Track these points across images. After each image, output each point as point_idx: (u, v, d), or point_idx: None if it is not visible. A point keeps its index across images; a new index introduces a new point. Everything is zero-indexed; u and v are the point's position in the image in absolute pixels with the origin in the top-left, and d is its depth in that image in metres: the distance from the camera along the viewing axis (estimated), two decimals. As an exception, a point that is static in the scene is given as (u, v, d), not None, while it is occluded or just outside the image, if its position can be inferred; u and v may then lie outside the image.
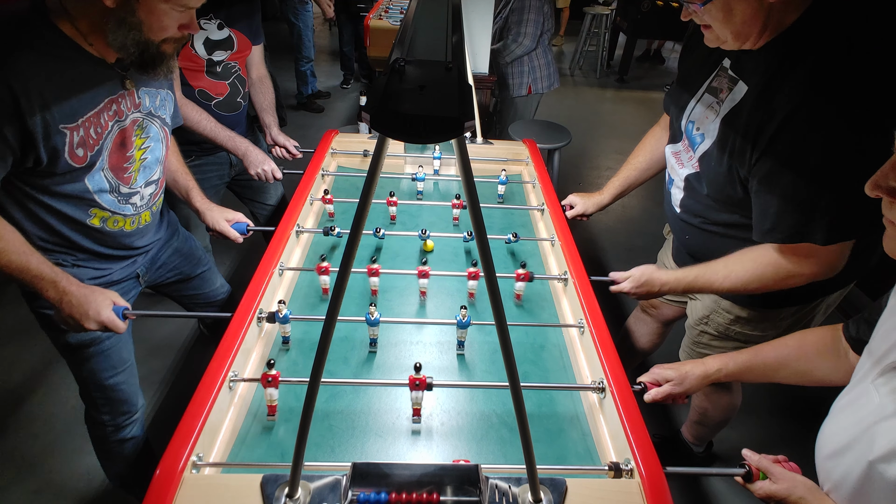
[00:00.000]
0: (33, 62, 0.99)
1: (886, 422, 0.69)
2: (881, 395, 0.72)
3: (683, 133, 1.33)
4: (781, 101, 1.01)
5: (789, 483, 0.84)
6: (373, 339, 1.17)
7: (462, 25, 0.76)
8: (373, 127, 0.43)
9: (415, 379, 0.97)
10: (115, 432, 1.46)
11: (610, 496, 0.84)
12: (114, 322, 1.15)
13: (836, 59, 0.98)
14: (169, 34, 1.07)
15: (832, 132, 0.97)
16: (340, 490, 0.79)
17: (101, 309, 1.14)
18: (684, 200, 1.33)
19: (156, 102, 1.26)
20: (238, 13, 1.76)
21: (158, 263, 1.47)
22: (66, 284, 1.11)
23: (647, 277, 1.29)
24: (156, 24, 1.04)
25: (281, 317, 1.13)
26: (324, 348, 0.60)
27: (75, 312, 1.12)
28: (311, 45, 4.60)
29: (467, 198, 0.52)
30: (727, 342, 1.44)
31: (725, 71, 1.19)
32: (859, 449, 0.72)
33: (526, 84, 3.16)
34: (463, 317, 1.13)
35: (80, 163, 1.10)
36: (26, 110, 0.98)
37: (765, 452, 0.92)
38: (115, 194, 1.22)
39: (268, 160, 1.85)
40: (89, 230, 1.22)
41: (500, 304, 0.58)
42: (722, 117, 1.16)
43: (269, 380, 0.97)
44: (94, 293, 1.14)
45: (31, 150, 1.03)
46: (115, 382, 1.39)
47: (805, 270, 1.10)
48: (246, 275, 1.21)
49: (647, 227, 3.32)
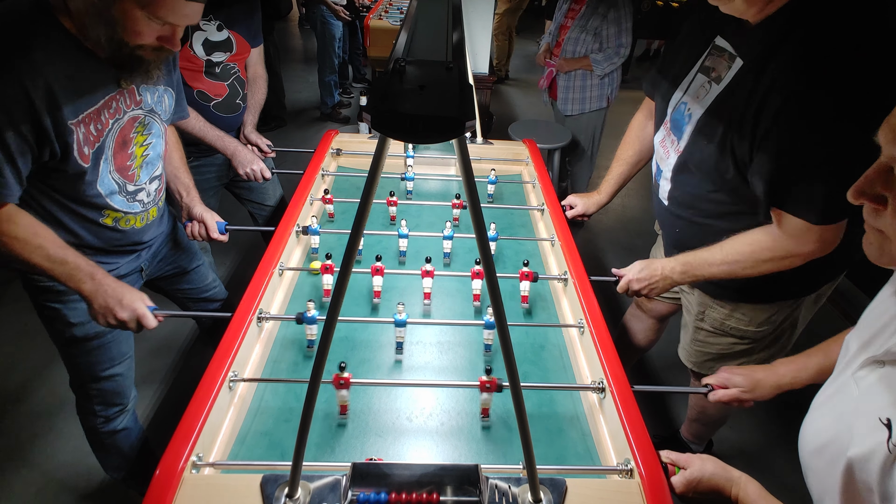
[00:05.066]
0: (43, 60, 1.00)
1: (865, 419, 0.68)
2: (860, 389, 0.71)
3: (668, 117, 1.31)
4: (780, 81, 1.01)
5: (699, 462, 0.88)
6: (399, 342, 1.17)
7: (462, 25, 0.76)
8: (373, 127, 0.43)
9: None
10: (106, 423, 1.47)
11: (610, 496, 0.84)
12: (146, 315, 1.17)
13: (835, 35, 0.97)
14: (144, 41, 1.06)
15: (827, 116, 0.97)
16: (340, 490, 0.79)
17: (135, 300, 1.17)
18: (672, 192, 1.33)
19: (156, 99, 1.27)
20: (237, 15, 1.76)
21: (159, 257, 1.49)
22: (102, 276, 1.15)
23: (645, 264, 1.30)
24: (129, 27, 1.03)
25: (308, 317, 1.13)
26: (324, 348, 0.60)
27: (111, 302, 1.14)
28: (336, 57, 4.56)
29: (468, 198, 0.52)
30: (724, 338, 1.44)
31: (721, 50, 1.18)
32: (839, 443, 0.71)
33: (605, 96, 3.04)
34: (491, 316, 1.12)
35: (86, 161, 1.11)
36: (39, 108, 0.99)
37: (764, 452, 0.92)
38: (124, 194, 1.24)
39: (256, 160, 1.86)
40: (102, 229, 1.25)
41: (500, 304, 0.58)
42: (715, 96, 1.15)
43: (342, 382, 0.98)
44: (128, 287, 1.18)
45: (46, 146, 1.04)
46: (111, 374, 1.40)
47: (802, 249, 1.10)
48: (246, 275, 1.21)
49: (647, 227, 3.31)
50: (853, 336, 0.79)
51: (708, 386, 1.11)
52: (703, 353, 1.51)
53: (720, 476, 0.86)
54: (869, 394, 0.69)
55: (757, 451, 2.07)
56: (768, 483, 0.85)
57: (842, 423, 0.72)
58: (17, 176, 1.03)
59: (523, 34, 7.54)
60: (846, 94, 0.96)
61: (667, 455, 0.91)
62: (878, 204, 0.62)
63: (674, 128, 1.29)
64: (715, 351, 1.48)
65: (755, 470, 0.88)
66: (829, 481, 0.73)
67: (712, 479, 0.86)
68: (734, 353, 1.46)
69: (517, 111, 5.31)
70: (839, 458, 0.70)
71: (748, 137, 1.06)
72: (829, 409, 0.77)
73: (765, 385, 1.07)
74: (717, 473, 0.86)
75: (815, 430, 0.79)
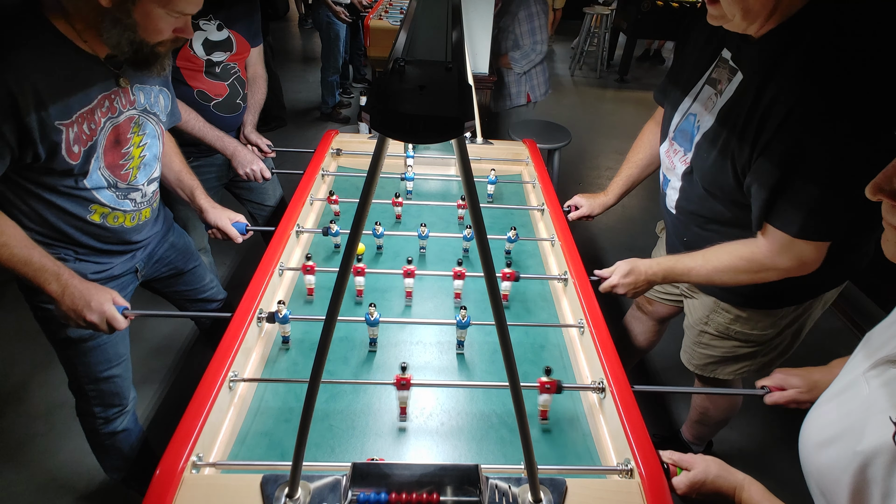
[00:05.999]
0: (29, 60, 0.99)
1: (875, 417, 0.68)
2: (871, 388, 0.71)
3: (673, 129, 1.32)
4: (781, 96, 1.01)
5: (703, 464, 0.87)
6: (373, 338, 1.17)
7: (462, 25, 0.76)
8: (373, 127, 0.43)
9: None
10: (105, 424, 1.47)
11: (610, 496, 0.84)
12: (115, 317, 1.16)
13: (837, 51, 0.97)
14: (164, 37, 1.08)
15: (828, 132, 0.97)
16: (340, 490, 0.79)
17: (103, 301, 1.15)
18: (680, 201, 1.34)
19: (150, 99, 1.26)
20: (237, 14, 1.76)
21: (155, 258, 1.49)
22: (68, 277, 1.13)
23: (630, 266, 1.31)
24: (151, 28, 1.04)
25: (280, 317, 1.13)
26: (324, 348, 0.60)
27: (78, 304, 1.13)
28: (339, 57, 4.54)
29: (468, 198, 0.52)
30: (727, 342, 1.44)
31: (725, 62, 1.19)
32: (847, 440, 0.71)
33: (524, 93, 3.10)
34: (462, 317, 1.14)
35: (75, 159, 1.11)
36: (23, 108, 0.98)
37: (764, 452, 0.92)
38: (114, 190, 1.23)
39: (256, 160, 1.86)
40: (90, 225, 1.23)
41: (500, 304, 0.58)
42: (720, 108, 1.17)
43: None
44: (96, 288, 1.16)
45: (29, 147, 1.03)
46: (110, 375, 1.40)
47: (778, 264, 1.11)
48: (246, 275, 1.21)
49: (647, 226, 3.32)
50: (867, 337, 0.79)
51: (764, 388, 1.10)
52: (707, 355, 1.51)
53: (724, 478, 0.86)
54: (880, 393, 0.70)
55: (757, 452, 2.07)
56: (768, 483, 0.85)
57: (849, 420, 0.72)
58: None
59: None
60: (848, 109, 0.96)
61: (669, 456, 0.91)
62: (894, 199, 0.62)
63: (682, 138, 1.30)
64: (718, 354, 1.48)
65: (755, 470, 0.88)
66: (833, 477, 0.73)
67: (716, 482, 0.86)
68: (737, 356, 1.45)
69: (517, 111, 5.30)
70: (845, 454, 0.70)
71: (748, 149, 1.07)
72: (837, 406, 0.77)
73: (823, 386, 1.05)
74: (721, 475, 0.86)
75: (819, 426, 0.79)
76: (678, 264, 1.25)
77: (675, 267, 1.25)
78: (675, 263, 1.25)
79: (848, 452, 0.70)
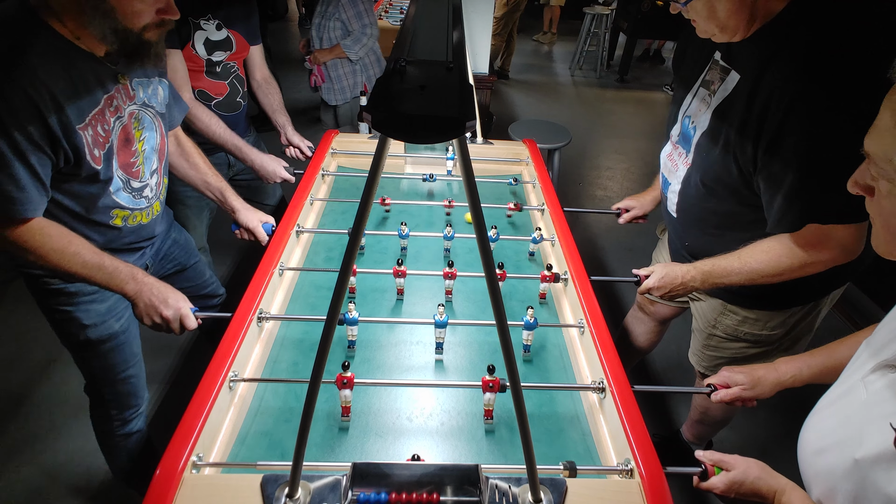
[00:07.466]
0: (39, 65, 0.98)
1: (874, 423, 0.68)
2: (869, 393, 0.71)
3: (675, 132, 1.32)
4: (778, 93, 1.01)
5: (744, 465, 0.87)
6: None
7: (462, 25, 0.76)
8: (373, 127, 0.43)
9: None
10: (122, 426, 1.48)
11: (610, 496, 0.84)
12: (188, 315, 1.18)
13: (826, 43, 0.98)
14: (145, 20, 1.05)
15: (830, 123, 0.97)
16: (340, 490, 0.79)
17: (179, 299, 1.18)
18: (681, 204, 1.34)
19: (149, 92, 1.25)
20: (236, 14, 1.77)
21: (161, 254, 1.49)
22: (143, 275, 1.16)
23: (666, 270, 1.29)
24: (127, 9, 1.01)
25: (350, 318, 1.13)
26: (324, 348, 0.60)
27: (155, 301, 1.15)
28: None
29: (468, 198, 0.52)
30: (737, 343, 1.44)
31: (717, 63, 1.19)
32: (845, 447, 0.71)
33: (360, 83, 2.91)
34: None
35: (98, 164, 1.11)
36: (45, 112, 0.98)
37: (764, 452, 0.92)
38: (129, 190, 1.23)
39: (279, 168, 1.85)
40: (111, 230, 1.24)
41: (500, 304, 0.58)
42: (714, 107, 1.17)
43: (345, 381, 0.98)
44: (170, 288, 1.19)
45: (59, 150, 1.03)
46: (128, 376, 1.40)
47: (820, 257, 1.09)
48: (246, 275, 1.21)
49: (648, 227, 3.30)
50: (867, 342, 0.79)
51: (711, 386, 1.11)
52: (716, 357, 1.50)
53: (765, 481, 0.85)
54: (879, 398, 0.69)
55: (757, 452, 2.06)
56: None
57: (848, 426, 0.72)
58: (41, 189, 1.03)
59: (524, 33, 7.56)
60: (846, 96, 0.96)
61: (710, 456, 0.90)
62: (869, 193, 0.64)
63: (682, 140, 1.30)
64: (728, 355, 1.48)
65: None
66: (832, 484, 0.73)
67: (756, 483, 0.85)
68: (747, 356, 1.45)
69: (517, 111, 5.31)
70: (844, 461, 0.70)
71: (751, 146, 1.07)
72: (835, 412, 0.77)
73: (765, 382, 1.06)
74: (761, 478, 0.86)
75: (818, 432, 0.79)
76: (715, 268, 1.22)
77: (712, 271, 1.23)
78: (713, 267, 1.23)
79: (847, 459, 0.69)
